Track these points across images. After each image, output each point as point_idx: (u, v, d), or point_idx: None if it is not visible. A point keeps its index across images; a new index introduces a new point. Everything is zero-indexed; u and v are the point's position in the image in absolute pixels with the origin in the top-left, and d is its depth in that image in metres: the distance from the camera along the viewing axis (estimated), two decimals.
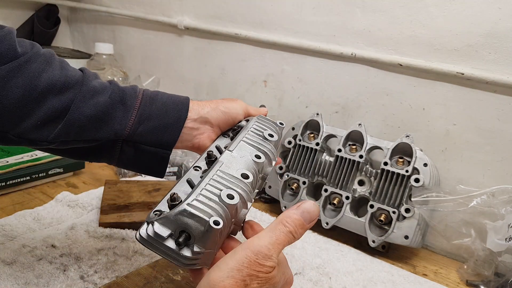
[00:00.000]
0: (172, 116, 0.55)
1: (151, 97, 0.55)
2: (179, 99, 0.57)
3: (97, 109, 0.51)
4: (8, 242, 0.68)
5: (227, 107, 0.58)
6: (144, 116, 0.53)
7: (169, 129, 0.55)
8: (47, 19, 1.38)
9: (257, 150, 0.51)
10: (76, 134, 0.51)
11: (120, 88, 0.54)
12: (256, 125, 0.56)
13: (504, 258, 0.72)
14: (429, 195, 0.75)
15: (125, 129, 0.53)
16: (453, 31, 0.82)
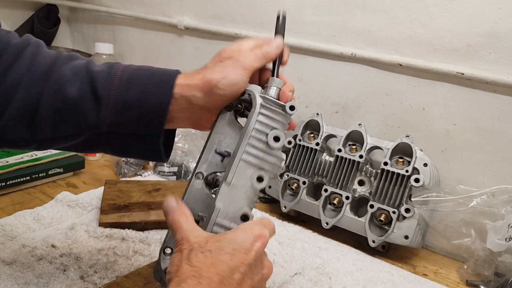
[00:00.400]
0: (153, 103, 0.47)
1: (128, 80, 0.47)
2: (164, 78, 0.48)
3: (66, 104, 0.45)
4: (8, 242, 0.68)
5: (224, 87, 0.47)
6: (121, 105, 0.46)
7: (152, 117, 0.47)
8: (47, 19, 1.37)
9: (259, 170, 0.47)
10: (52, 131, 0.47)
11: (92, 73, 0.47)
12: (258, 125, 0.47)
13: (504, 258, 0.72)
14: (429, 195, 0.75)
15: (101, 122, 0.47)
16: (453, 31, 0.82)
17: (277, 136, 0.47)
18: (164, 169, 1.02)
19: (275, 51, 0.51)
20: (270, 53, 0.51)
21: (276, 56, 0.51)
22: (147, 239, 0.74)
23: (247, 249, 0.41)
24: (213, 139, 0.50)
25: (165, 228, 0.79)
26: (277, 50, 0.51)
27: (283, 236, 0.82)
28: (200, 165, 0.49)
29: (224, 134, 0.50)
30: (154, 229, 0.78)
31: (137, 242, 0.73)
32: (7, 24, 1.30)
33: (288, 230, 0.86)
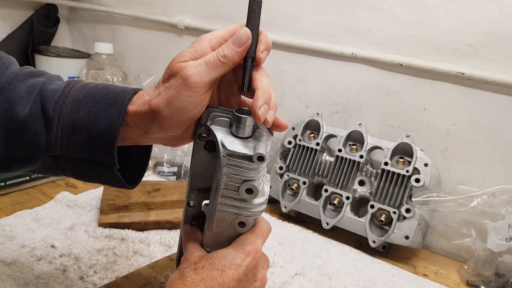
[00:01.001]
0: (102, 125, 0.41)
1: (80, 100, 0.43)
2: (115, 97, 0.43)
3: (15, 124, 0.42)
4: (7, 242, 0.68)
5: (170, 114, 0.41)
6: (70, 127, 0.42)
7: (101, 142, 0.42)
8: (47, 18, 1.37)
9: (237, 218, 0.44)
10: (5, 153, 0.43)
11: (44, 93, 0.43)
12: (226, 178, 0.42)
13: (505, 258, 0.72)
14: (430, 195, 0.75)
15: (51, 144, 0.42)
16: (453, 30, 0.82)
17: (249, 189, 0.42)
18: (164, 169, 1.02)
19: (237, 50, 0.40)
20: (229, 56, 0.40)
21: (240, 57, 0.41)
22: (147, 239, 0.74)
23: (237, 265, 0.41)
24: (194, 171, 0.47)
25: (165, 228, 0.79)
26: (239, 48, 0.40)
27: (283, 236, 0.82)
28: (189, 194, 0.49)
29: (204, 165, 0.46)
30: (153, 229, 0.78)
31: (137, 243, 0.73)
32: (7, 24, 1.30)
33: (288, 230, 0.86)
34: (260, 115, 0.40)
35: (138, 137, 0.44)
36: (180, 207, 0.84)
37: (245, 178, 0.42)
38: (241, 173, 0.41)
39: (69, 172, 0.46)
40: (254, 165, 0.41)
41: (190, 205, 0.49)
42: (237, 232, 0.46)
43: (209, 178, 0.47)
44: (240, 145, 0.41)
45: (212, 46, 0.41)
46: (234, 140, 0.41)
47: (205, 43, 0.41)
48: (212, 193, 0.44)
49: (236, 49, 0.40)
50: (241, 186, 0.42)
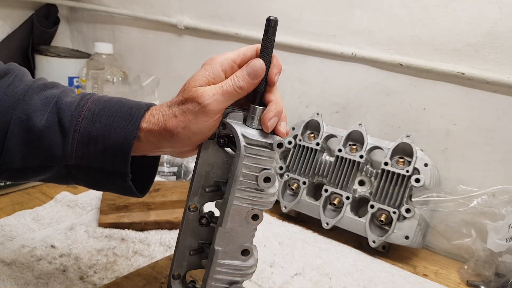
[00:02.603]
0: (117, 137, 0.44)
1: (95, 113, 0.45)
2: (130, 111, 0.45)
3: (32, 135, 0.44)
4: (7, 242, 0.68)
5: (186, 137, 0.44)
6: (86, 139, 0.44)
7: (116, 153, 0.44)
8: (47, 18, 1.37)
9: (253, 210, 0.46)
10: (21, 162, 0.45)
11: (61, 105, 0.45)
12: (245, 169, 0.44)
13: (505, 258, 0.72)
14: (430, 195, 0.75)
15: (67, 154, 0.44)
16: (453, 31, 0.82)
17: (267, 177, 0.44)
18: (164, 169, 1.02)
19: (252, 82, 0.43)
20: (245, 88, 0.43)
21: (254, 87, 0.44)
22: (147, 239, 0.74)
23: None
24: (200, 171, 0.47)
25: (165, 228, 0.79)
26: (254, 81, 0.43)
27: (283, 236, 0.82)
28: (192, 197, 0.49)
29: (211, 164, 0.48)
30: (153, 229, 0.78)
31: (137, 243, 0.73)
32: (7, 24, 1.30)
33: (288, 230, 0.86)
34: (268, 126, 0.43)
35: (150, 150, 0.46)
36: (180, 207, 0.84)
37: (263, 167, 0.44)
38: (260, 162, 0.44)
39: (81, 181, 0.48)
40: (273, 153, 0.44)
41: (191, 210, 0.49)
42: (249, 227, 0.46)
43: (215, 178, 0.48)
44: (259, 134, 0.44)
45: (224, 69, 0.44)
46: (251, 131, 0.44)
47: (217, 67, 0.44)
48: (228, 187, 0.44)
49: (251, 81, 0.43)
50: (259, 175, 0.44)
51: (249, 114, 0.44)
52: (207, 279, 0.47)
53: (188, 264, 0.51)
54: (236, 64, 0.44)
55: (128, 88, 1.16)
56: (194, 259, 0.51)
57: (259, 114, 0.44)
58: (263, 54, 0.44)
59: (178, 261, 0.50)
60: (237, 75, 0.43)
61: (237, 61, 0.44)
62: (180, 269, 0.51)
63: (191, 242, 0.50)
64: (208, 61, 0.45)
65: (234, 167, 0.44)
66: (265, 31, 0.44)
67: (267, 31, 0.44)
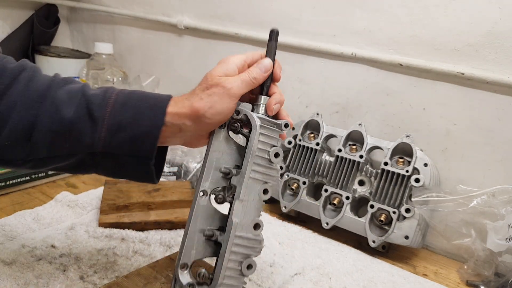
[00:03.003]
0: (146, 125, 0.49)
1: (122, 103, 0.50)
2: (156, 102, 0.51)
3: (63, 125, 0.48)
4: (7, 242, 0.68)
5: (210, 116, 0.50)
6: (115, 127, 0.49)
7: (145, 139, 0.49)
8: (47, 18, 1.37)
9: (264, 184, 0.53)
10: (48, 151, 0.49)
11: (88, 97, 0.49)
12: (260, 144, 0.51)
13: (504, 258, 0.72)
14: (429, 195, 0.75)
15: (96, 142, 0.49)
16: (453, 31, 0.82)
17: (277, 153, 0.53)
18: (164, 169, 1.02)
19: (263, 75, 0.53)
20: (258, 79, 0.53)
21: (264, 80, 0.54)
22: (147, 239, 0.74)
23: None
24: (211, 157, 0.53)
25: (165, 228, 0.79)
26: (265, 74, 0.53)
27: (283, 236, 0.82)
28: (203, 183, 0.52)
29: (221, 151, 0.53)
30: (154, 229, 0.78)
31: (137, 242, 0.73)
32: (7, 24, 1.30)
33: (288, 230, 0.86)
34: (273, 109, 0.53)
35: (170, 136, 0.51)
36: (180, 207, 0.84)
37: (273, 144, 0.53)
38: (270, 140, 0.53)
39: (103, 168, 0.52)
40: (281, 132, 0.53)
41: (202, 195, 0.53)
42: (260, 201, 0.53)
43: (224, 164, 0.54)
44: (269, 117, 0.53)
45: (238, 67, 0.52)
46: (261, 115, 0.53)
47: (233, 64, 0.52)
48: (245, 161, 0.51)
49: (263, 74, 0.53)
50: (270, 151, 0.52)
51: (257, 103, 0.54)
52: (225, 252, 0.50)
53: (196, 253, 0.52)
54: (247, 63, 0.53)
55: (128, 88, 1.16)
56: (202, 248, 0.52)
57: (265, 102, 0.53)
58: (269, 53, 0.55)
59: (187, 249, 0.51)
60: (251, 69, 0.53)
61: (247, 61, 0.54)
62: (188, 258, 0.51)
63: (200, 228, 0.52)
64: (223, 60, 0.53)
65: (251, 144, 0.51)
66: (269, 39, 0.56)
67: (270, 39, 0.56)
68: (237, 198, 0.51)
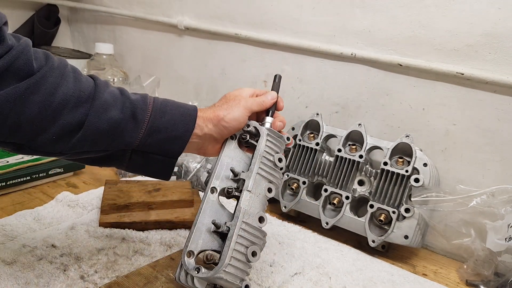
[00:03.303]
0: (180, 130, 0.58)
1: (160, 109, 0.58)
2: (187, 111, 0.60)
3: (110, 124, 0.53)
4: (8, 242, 0.68)
5: (228, 120, 0.61)
6: (153, 129, 0.56)
7: (176, 141, 0.58)
8: (47, 19, 1.38)
9: (269, 183, 0.60)
10: (89, 146, 0.54)
11: (131, 100, 0.56)
12: (267, 148, 0.61)
13: (504, 258, 0.72)
14: (429, 195, 0.75)
15: (135, 141, 0.56)
16: (453, 31, 0.82)
17: (280, 158, 0.62)
18: None
19: (270, 101, 0.66)
20: (266, 103, 0.65)
21: (271, 106, 0.66)
22: (147, 239, 0.75)
23: None
24: (222, 161, 0.61)
25: (165, 228, 0.79)
26: (271, 101, 0.66)
27: (283, 236, 0.82)
28: (214, 181, 0.59)
29: (231, 157, 0.62)
30: (154, 229, 0.78)
31: (137, 242, 0.73)
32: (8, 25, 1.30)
33: (288, 230, 0.86)
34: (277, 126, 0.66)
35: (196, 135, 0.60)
36: (181, 207, 0.84)
37: (277, 151, 0.63)
38: (275, 147, 0.63)
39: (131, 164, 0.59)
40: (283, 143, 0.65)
41: (212, 191, 0.58)
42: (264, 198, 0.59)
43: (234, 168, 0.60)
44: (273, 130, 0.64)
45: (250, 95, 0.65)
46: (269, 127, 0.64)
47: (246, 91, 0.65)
48: (253, 160, 0.60)
49: (270, 101, 0.66)
50: (275, 156, 0.62)
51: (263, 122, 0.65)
52: (233, 234, 0.53)
53: (203, 243, 0.55)
54: (255, 94, 0.66)
55: (128, 88, 1.17)
56: (209, 239, 0.55)
57: (270, 121, 0.65)
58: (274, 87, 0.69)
59: (195, 238, 0.55)
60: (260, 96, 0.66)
61: (256, 92, 0.66)
62: (195, 246, 0.54)
63: (208, 221, 0.56)
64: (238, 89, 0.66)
65: (259, 146, 0.60)
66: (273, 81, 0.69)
67: (274, 80, 0.69)
68: (246, 189, 0.57)
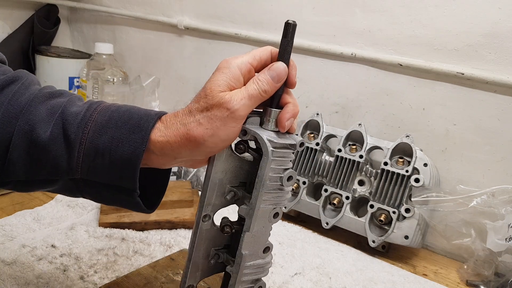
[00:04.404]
0: (125, 151, 0.41)
1: (103, 123, 0.43)
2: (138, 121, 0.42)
3: (36, 146, 0.42)
4: (8, 242, 0.68)
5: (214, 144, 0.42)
6: (92, 151, 0.42)
7: (123, 168, 0.42)
8: (47, 19, 1.37)
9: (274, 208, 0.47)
10: (24, 174, 0.43)
11: (66, 116, 0.43)
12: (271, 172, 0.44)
13: (504, 258, 0.72)
14: (429, 195, 0.75)
15: (74, 169, 0.42)
16: (453, 31, 0.82)
17: (290, 176, 0.45)
18: None
19: (276, 86, 0.43)
20: (269, 91, 0.43)
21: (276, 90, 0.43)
22: (147, 239, 0.74)
23: None
24: (213, 179, 0.46)
25: (165, 228, 0.79)
26: (278, 84, 0.43)
27: (283, 236, 0.82)
28: (205, 207, 0.47)
29: (224, 171, 0.47)
30: (154, 229, 0.78)
31: (137, 242, 0.73)
32: (7, 24, 1.30)
33: (288, 230, 0.86)
34: (285, 126, 0.44)
35: (165, 163, 0.45)
36: (180, 207, 0.84)
37: (286, 167, 0.45)
38: (284, 163, 0.45)
39: (88, 195, 0.46)
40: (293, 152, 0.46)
41: (204, 220, 0.48)
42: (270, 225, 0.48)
43: (228, 184, 0.47)
44: (280, 137, 0.45)
45: (243, 73, 0.43)
46: (273, 135, 0.44)
47: (237, 70, 0.42)
48: (255, 192, 0.44)
49: (275, 85, 0.43)
50: (283, 176, 0.45)
51: (266, 117, 0.44)
52: (235, 283, 0.47)
53: (202, 274, 0.50)
54: (253, 66, 0.44)
55: (128, 88, 1.17)
56: (207, 268, 0.50)
57: (276, 116, 0.44)
58: (284, 58, 0.44)
59: (192, 272, 0.49)
60: (260, 79, 0.42)
61: (253, 64, 0.44)
62: (194, 280, 0.50)
63: (205, 252, 0.49)
64: (225, 64, 0.43)
65: (262, 173, 0.44)
66: (284, 35, 0.45)
67: (285, 34, 0.45)
68: (247, 231, 0.46)
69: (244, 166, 0.48)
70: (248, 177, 0.47)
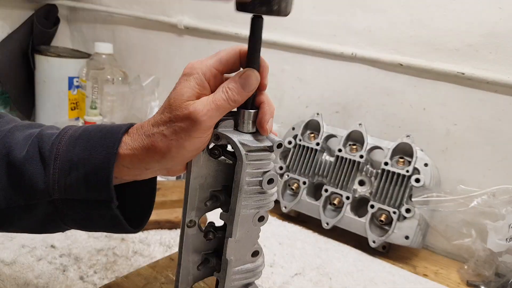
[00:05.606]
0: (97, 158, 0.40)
1: (75, 137, 0.42)
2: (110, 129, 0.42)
3: (14, 168, 0.41)
4: (7, 242, 0.68)
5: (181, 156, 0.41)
6: (66, 165, 0.41)
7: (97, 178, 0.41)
8: (47, 18, 1.37)
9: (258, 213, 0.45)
10: (4, 201, 0.42)
11: (42, 136, 0.43)
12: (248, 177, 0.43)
13: (505, 258, 0.72)
14: (430, 195, 0.75)
15: (50, 187, 0.41)
16: (453, 31, 0.82)
17: (271, 179, 0.44)
18: None
19: (246, 95, 0.41)
20: (239, 101, 0.41)
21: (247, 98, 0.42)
22: (147, 239, 0.74)
23: None
24: (193, 186, 0.46)
25: (165, 228, 0.79)
26: (249, 93, 0.41)
27: (283, 236, 0.82)
28: (189, 213, 0.47)
29: (204, 176, 0.46)
30: (153, 229, 0.78)
31: (137, 243, 0.73)
32: (7, 24, 1.30)
33: (288, 230, 0.86)
34: (267, 129, 0.42)
35: (139, 174, 0.44)
36: (180, 207, 0.83)
37: (265, 170, 0.43)
38: (262, 166, 0.43)
39: (70, 219, 0.44)
40: (273, 154, 0.44)
41: (189, 225, 0.47)
42: (256, 229, 0.46)
43: (209, 188, 0.47)
44: (256, 139, 0.43)
45: (207, 79, 0.41)
46: (247, 137, 0.42)
47: (201, 76, 0.41)
48: (233, 198, 0.43)
49: (246, 94, 0.41)
50: (263, 179, 0.43)
51: (241, 119, 0.43)
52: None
53: (194, 278, 0.50)
54: (219, 71, 0.42)
55: (128, 88, 1.16)
56: (198, 272, 0.50)
57: (252, 118, 0.43)
58: (254, 60, 0.41)
59: (183, 277, 0.49)
60: (229, 87, 0.40)
61: (219, 68, 0.42)
62: (186, 284, 0.49)
63: (194, 257, 0.49)
64: (189, 71, 0.41)
65: (238, 177, 0.42)
66: (251, 33, 0.42)
67: (253, 33, 0.42)
68: (229, 237, 0.45)
69: (224, 169, 0.46)
70: (229, 180, 0.45)
